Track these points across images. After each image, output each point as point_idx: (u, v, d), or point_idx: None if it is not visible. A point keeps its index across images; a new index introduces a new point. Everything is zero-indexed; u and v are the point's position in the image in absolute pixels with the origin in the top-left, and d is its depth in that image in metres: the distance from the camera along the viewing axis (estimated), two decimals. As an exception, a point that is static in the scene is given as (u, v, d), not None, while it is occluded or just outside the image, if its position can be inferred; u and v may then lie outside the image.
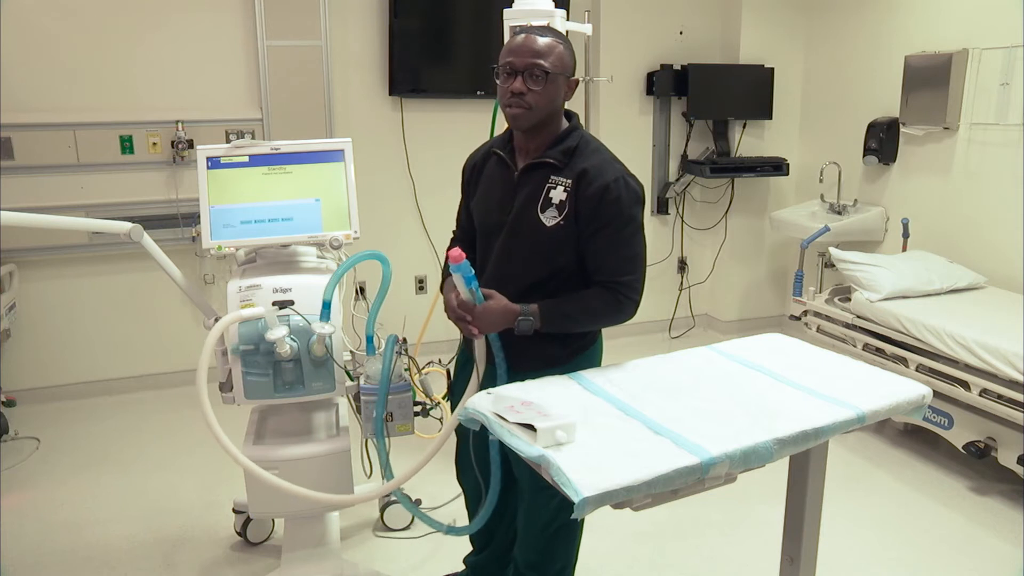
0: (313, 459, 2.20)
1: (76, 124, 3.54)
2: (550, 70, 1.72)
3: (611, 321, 1.82)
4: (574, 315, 1.78)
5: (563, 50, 1.75)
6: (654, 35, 4.48)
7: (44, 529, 2.73)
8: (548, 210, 1.76)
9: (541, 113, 1.75)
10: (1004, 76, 3.38)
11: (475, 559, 2.28)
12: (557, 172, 1.77)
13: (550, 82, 1.73)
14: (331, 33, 3.81)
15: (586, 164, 1.76)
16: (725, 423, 1.51)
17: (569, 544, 2.01)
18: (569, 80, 1.78)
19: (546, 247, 1.78)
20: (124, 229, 2.09)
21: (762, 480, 1.90)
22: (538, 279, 1.81)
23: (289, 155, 2.27)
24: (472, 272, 1.68)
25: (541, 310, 1.75)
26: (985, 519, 2.77)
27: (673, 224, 4.78)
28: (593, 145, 1.82)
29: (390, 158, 4.12)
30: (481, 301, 1.73)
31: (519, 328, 1.73)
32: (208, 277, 3.92)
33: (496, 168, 1.89)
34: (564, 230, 1.76)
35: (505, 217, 1.83)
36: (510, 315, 1.73)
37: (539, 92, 1.72)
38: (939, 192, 3.77)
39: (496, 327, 1.76)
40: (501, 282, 1.82)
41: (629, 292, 1.78)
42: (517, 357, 1.82)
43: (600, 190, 1.72)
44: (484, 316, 1.72)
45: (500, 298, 1.75)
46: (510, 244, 1.83)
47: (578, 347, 1.88)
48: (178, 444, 3.33)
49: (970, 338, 2.82)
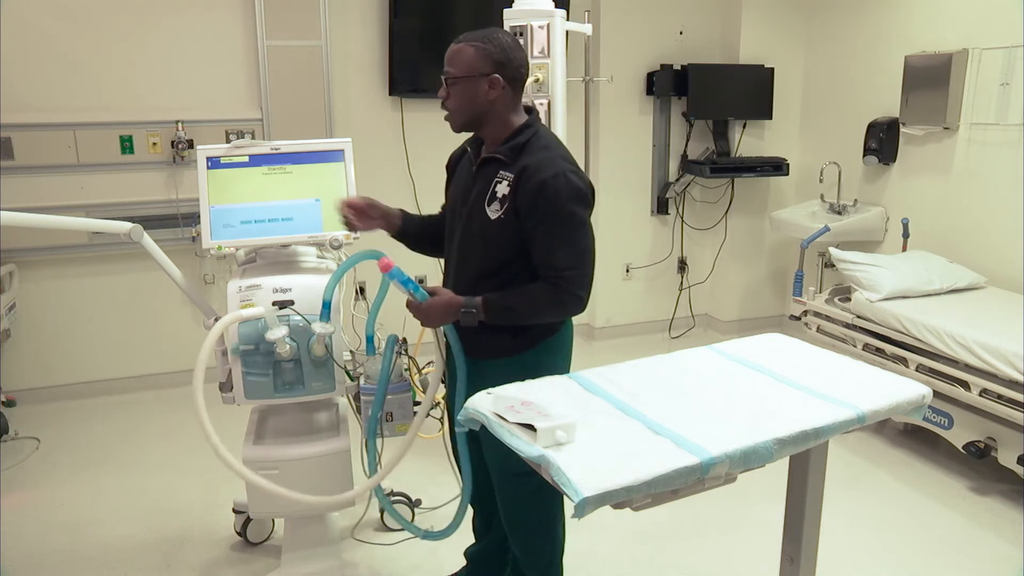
0: (313, 459, 2.20)
1: (76, 124, 3.54)
2: (453, 74, 1.79)
3: (555, 315, 1.87)
4: (516, 308, 1.82)
5: (473, 52, 1.79)
6: (654, 35, 4.48)
7: (44, 529, 2.73)
8: (492, 203, 1.82)
9: (463, 115, 1.83)
10: (1004, 76, 3.38)
11: (475, 549, 2.30)
12: (504, 167, 1.82)
13: (457, 86, 1.80)
14: (331, 33, 3.81)
15: (529, 160, 1.79)
16: (725, 423, 1.51)
17: (551, 537, 2.03)
18: (489, 78, 1.79)
19: (491, 239, 1.83)
20: (124, 229, 2.09)
21: (762, 480, 1.90)
22: (487, 270, 1.86)
23: (289, 155, 2.28)
24: (405, 275, 1.78)
25: (485, 303, 1.80)
26: (985, 519, 2.77)
27: (673, 224, 4.79)
28: (543, 142, 1.85)
29: (390, 158, 4.12)
30: (424, 298, 1.80)
31: (463, 320, 1.80)
32: (208, 277, 3.92)
33: (465, 163, 1.97)
34: (505, 223, 1.80)
35: (464, 209, 1.90)
36: (454, 308, 1.80)
37: (452, 97, 1.82)
38: (939, 192, 3.77)
39: (442, 320, 1.84)
40: (460, 270, 1.92)
41: (571, 287, 1.80)
42: (473, 346, 1.90)
43: (538, 185, 1.76)
44: (428, 311, 1.81)
45: (444, 293, 1.82)
46: (465, 235, 1.90)
47: (532, 338, 1.90)
48: (178, 444, 3.33)
49: (970, 338, 2.82)
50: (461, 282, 1.89)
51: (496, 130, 1.85)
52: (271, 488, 2.01)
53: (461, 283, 1.89)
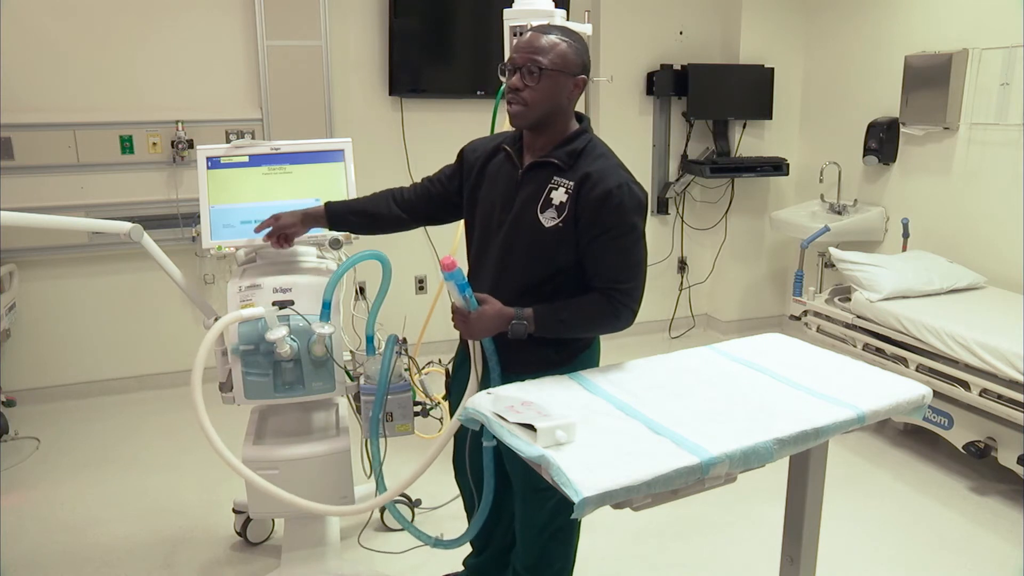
0: (313, 459, 2.20)
1: (76, 124, 3.54)
2: (546, 67, 1.70)
3: (607, 329, 1.80)
4: (569, 320, 1.76)
5: (566, 48, 1.73)
6: (654, 35, 4.48)
7: (44, 529, 2.73)
8: (548, 211, 1.75)
9: (539, 111, 1.73)
10: (1004, 76, 3.38)
11: (474, 561, 2.28)
12: (560, 173, 1.75)
13: (547, 79, 1.71)
14: (331, 33, 3.81)
15: (590, 168, 1.73)
16: (725, 423, 1.51)
17: (567, 546, 2.00)
18: (575, 79, 1.75)
19: (543, 248, 1.76)
20: (124, 229, 2.09)
21: (762, 480, 1.90)
22: (535, 279, 1.80)
23: (289, 155, 2.28)
24: (465, 279, 1.68)
25: (536, 314, 1.73)
26: (985, 519, 2.77)
27: (673, 224, 4.79)
28: (600, 150, 1.80)
29: (390, 158, 4.12)
30: (475, 307, 1.72)
31: (512, 332, 1.72)
32: (208, 277, 3.92)
33: (503, 164, 1.87)
34: (562, 232, 1.74)
35: (506, 215, 1.81)
36: (504, 319, 1.72)
37: (535, 89, 1.71)
38: (939, 192, 3.77)
39: (490, 332, 1.75)
40: (500, 279, 1.82)
41: (626, 300, 1.75)
42: (512, 360, 1.81)
43: (603, 195, 1.70)
44: (478, 322, 1.72)
45: (494, 303, 1.74)
46: (509, 242, 1.81)
47: (573, 351, 1.87)
48: (178, 444, 3.33)
49: (970, 338, 2.82)
50: (503, 292, 1.77)
51: (556, 133, 1.78)
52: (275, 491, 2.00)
53: (503, 292, 1.77)
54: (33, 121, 3.48)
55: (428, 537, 2.10)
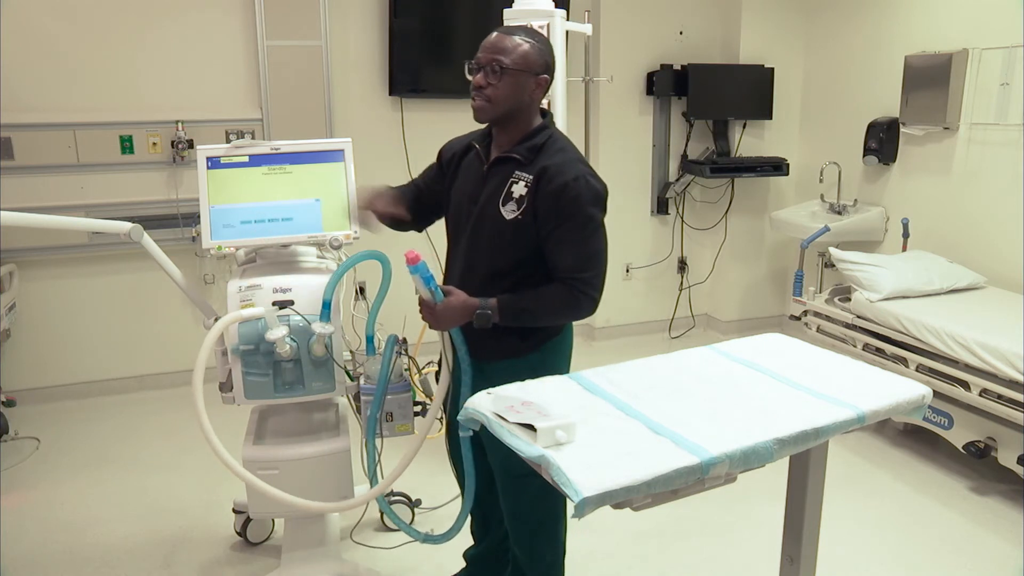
0: (313, 459, 2.20)
1: (76, 124, 3.54)
2: (508, 66, 1.77)
3: (569, 317, 1.87)
4: (532, 309, 1.81)
5: (528, 49, 1.79)
6: (654, 35, 4.48)
7: (44, 529, 2.73)
8: (508, 203, 1.81)
9: (501, 107, 1.80)
10: (1004, 76, 3.38)
11: (474, 552, 2.30)
12: (521, 167, 1.82)
13: (508, 77, 1.78)
14: (331, 33, 3.81)
15: (548, 162, 1.79)
16: (725, 423, 1.51)
17: (553, 540, 2.03)
18: (537, 78, 1.81)
19: (505, 239, 1.82)
20: (124, 229, 2.09)
21: (762, 480, 1.90)
22: (499, 270, 1.85)
23: (289, 155, 2.27)
24: (429, 272, 1.74)
25: (499, 304, 1.79)
26: (985, 519, 2.77)
27: (673, 224, 4.79)
28: (560, 144, 1.85)
29: (390, 158, 4.12)
30: (441, 299, 1.78)
31: (478, 322, 1.78)
32: (208, 277, 3.92)
33: (472, 161, 1.95)
34: (521, 224, 1.80)
35: (473, 208, 1.88)
36: (469, 310, 1.78)
37: (497, 86, 1.79)
38: (939, 192, 3.77)
39: (456, 323, 1.82)
40: (468, 270, 1.90)
41: (587, 288, 1.81)
42: (478, 348, 1.88)
43: (559, 187, 1.76)
44: (444, 313, 1.79)
45: (459, 294, 1.80)
46: (475, 234, 1.88)
47: (541, 338, 1.91)
48: (178, 444, 3.33)
49: (970, 338, 2.82)
50: (470, 283, 1.86)
51: (518, 129, 1.85)
52: (272, 492, 2.01)
53: (470, 284, 1.85)
54: (33, 121, 3.48)
55: (418, 533, 2.16)
